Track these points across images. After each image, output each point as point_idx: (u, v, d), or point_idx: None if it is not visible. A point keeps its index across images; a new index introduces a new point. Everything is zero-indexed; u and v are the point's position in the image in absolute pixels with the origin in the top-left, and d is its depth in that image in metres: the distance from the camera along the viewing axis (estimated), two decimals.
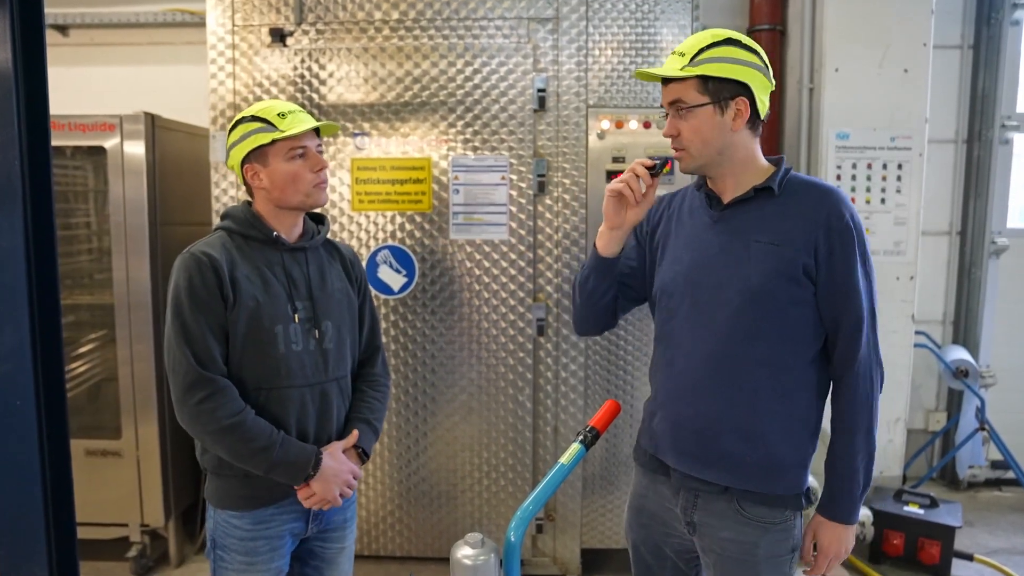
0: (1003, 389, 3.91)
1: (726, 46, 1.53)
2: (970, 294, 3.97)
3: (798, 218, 1.53)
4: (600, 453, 3.02)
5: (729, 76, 1.52)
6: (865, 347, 1.54)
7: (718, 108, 1.53)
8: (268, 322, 1.68)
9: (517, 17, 2.84)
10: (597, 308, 1.77)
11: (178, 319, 1.63)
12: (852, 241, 1.52)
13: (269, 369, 1.69)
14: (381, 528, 3.06)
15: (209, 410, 1.61)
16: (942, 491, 3.97)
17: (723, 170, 1.60)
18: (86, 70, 3.80)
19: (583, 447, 1.73)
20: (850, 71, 3.39)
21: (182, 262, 1.66)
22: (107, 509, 3.13)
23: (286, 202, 1.73)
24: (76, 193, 3.34)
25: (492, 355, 2.94)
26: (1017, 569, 3.16)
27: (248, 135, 1.70)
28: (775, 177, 1.57)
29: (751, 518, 1.57)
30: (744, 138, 1.57)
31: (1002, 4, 3.76)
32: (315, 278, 1.78)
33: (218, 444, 1.64)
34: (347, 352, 1.83)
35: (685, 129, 1.56)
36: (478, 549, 1.50)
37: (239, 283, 1.66)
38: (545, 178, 2.87)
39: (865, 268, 1.54)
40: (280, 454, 1.64)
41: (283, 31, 2.86)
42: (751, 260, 1.54)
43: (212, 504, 1.76)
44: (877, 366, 1.57)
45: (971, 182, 3.95)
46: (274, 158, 1.70)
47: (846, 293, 1.52)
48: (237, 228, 1.74)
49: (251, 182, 1.74)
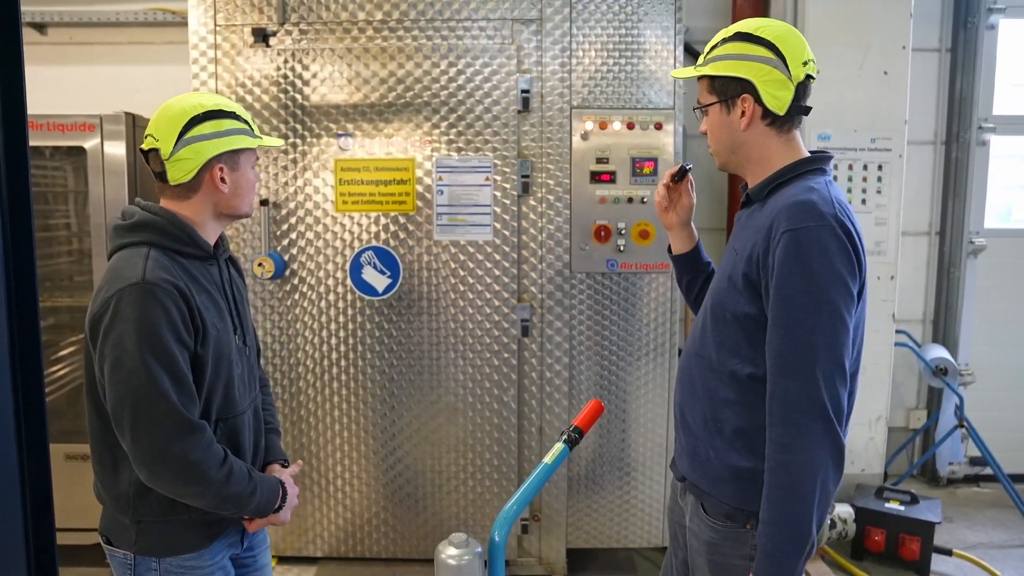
0: (981, 387, 3.97)
1: (733, 42, 1.48)
2: (949, 293, 4.02)
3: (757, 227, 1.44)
4: (585, 453, 3.03)
5: (730, 74, 1.47)
6: (790, 388, 1.32)
7: (724, 107, 1.50)
8: (226, 350, 1.57)
9: (501, 18, 2.84)
10: (690, 297, 1.87)
11: (156, 363, 1.41)
12: (791, 253, 1.32)
13: (227, 400, 1.58)
14: (366, 530, 3.05)
15: (199, 462, 1.44)
16: (923, 488, 4.01)
17: (745, 170, 1.55)
18: (65, 69, 3.75)
19: (567, 446, 1.74)
20: (831, 73, 3.41)
21: (145, 294, 1.42)
22: (87, 514, 3.07)
23: (237, 210, 1.62)
24: (55, 194, 3.30)
25: (477, 356, 2.94)
26: (995, 563, 3.21)
27: (229, 132, 1.56)
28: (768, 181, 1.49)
29: (703, 516, 1.54)
30: (758, 136, 1.49)
31: (978, 8, 3.81)
32: (236, 291, 1.69)
33: (204, 495, 1.48)
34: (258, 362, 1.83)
35: (707, 130, 1.57)
36: (463, 549, 1.51)
37: (201, 311, 1.50)
38: (529, 179, 2.87)
39: (809, 293, 1.31)
40: (258, 497, 1.56)
41: (266, 31, 2.85)
42: (722, 268, 1.55)
43: (150, 555, 1.55)
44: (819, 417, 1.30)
45: (949, 183, 4.00)
46: (244, 164, 1.61)
47: (774, 314, 1.35)
48: (168, 243, 1.52)
49: (214, 183, 1.56)
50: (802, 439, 1.31)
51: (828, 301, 1.32)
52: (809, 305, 1.32)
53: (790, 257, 1.33)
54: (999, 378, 4.07)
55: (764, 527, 1.36)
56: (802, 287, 1.32)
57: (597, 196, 2.88)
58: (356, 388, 2.98)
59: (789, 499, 1.33)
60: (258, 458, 1.74)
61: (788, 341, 1.33)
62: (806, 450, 1.31)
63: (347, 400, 2.99)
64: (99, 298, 1.46)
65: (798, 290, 1.32)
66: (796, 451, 1.32)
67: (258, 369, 1.86)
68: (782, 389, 1.34)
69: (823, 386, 1.31)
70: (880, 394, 3.55)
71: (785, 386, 1.33)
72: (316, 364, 2.97)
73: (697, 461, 1.57)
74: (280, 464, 1.79)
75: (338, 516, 3.05)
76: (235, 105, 1.63)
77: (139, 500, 1.52)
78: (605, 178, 2.87)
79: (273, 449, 1.81)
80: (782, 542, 1.34)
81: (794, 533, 1.33)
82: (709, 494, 1.53)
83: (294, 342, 2.96)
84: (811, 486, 1.31)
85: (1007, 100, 4.00)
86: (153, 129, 1.53)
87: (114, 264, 1.51)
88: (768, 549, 1.35)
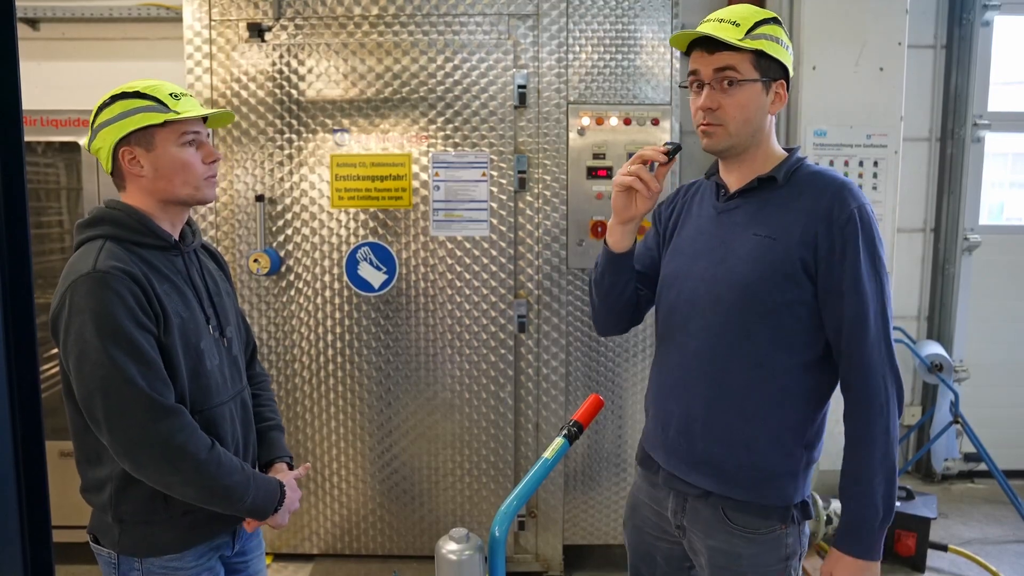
0: (976, 383, 3.99)
1: (775, 25, 1.46)
2: (944, 290, 4.03)
3: (799, 211, 1.43)
4: (582, 450, 3.03)
5: (779, 57, 1.45)
6: (872, 352, 1.40)
7: (765, 87, 1.45)
8: (195, 339, 1.52)
9: (497, 13, 2.83)
10: (617, 305, 1.68)
11: (118, 350, 1.37)
12: (856, 236, 1.39)
13: (201, 390, 1.52)
14: (363, 527, 3.04)
15: (182, 445, 1.40)
16: (918, 484, 4.03)
17: (747, 154, 1.50)
18: (58, 65, 3.72)
19: (566, 441, 1.73)
20: (827, 69, 3.42)
21: (97, 283, 1.38)
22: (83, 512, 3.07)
23: (172, 194, 1.51)
24: (48, 190, 3.28)
25: (473, 352, 2.94)
26: (989, 558, 3.22)
27: (130, 112, 1.45)
28: (782, 166, 1.49)
29: (736, 526, 1.48)
30: (770, 123, 1.51)
31: (973, 5, 3.82)
32: (210, 282, 1.63)
33: (192, 483, 1.44)
34: (243, 355, 1.76)
35: (730, 104, 1.44)
36: (463, 544, 1.50)
37: (162, 299, 1.45)
38: (526, 174, 2.87)
39: (874, 268, 1.41)
40: (254, 494, 1.51)
41: (261, 26, 2.83)
42: (747, 254, 1.45)
43: (133, 555, 1.52)
44: (891, 375, 1.42)
45: (944, 180, 4.01)
46: (162, 142, 1.48)
47: (849, 293, 1.40)
48: (125, 235, 1.48)
49: (128, 168, 1.49)
50: (892, 402, 1.41)
51: (885, 273, 1.44)
52: (881, 277, 1.43)
53: (866, 231, 1.41)
54: (994, 374, 4.09)
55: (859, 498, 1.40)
56: (871, 262, 1.42)
57: (594, 192, 2.87)
58: (352, 384, 2.97)
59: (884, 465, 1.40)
60: (248, 455, 1.68)
61: (869, 313, 1.40)
62: (892, 415, 1.41)
63: (343, 396, 2.98)
64: (56, 294, 1.44)
65: (871, 264, 1.41)
66: (892, 410, 1.41)
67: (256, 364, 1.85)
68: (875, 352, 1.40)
69: (893, 352, 1.43)
70: None
71: (870, 358, 1.40)
72: (312, 360, 2.96)
73: (715, 467, 1.49)
74: (285, 463, 1.74)
75: (334, 513, 3.04)
76: (150, 83, 1.50)
77: (120, 499, 1.50)
78: (602, 174, 2.87)
79: (275, 446, 1.76)
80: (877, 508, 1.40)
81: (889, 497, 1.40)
82: (742, 501, 1.47)
83: (290, 338, 2.95)
84: (895, 448, 1.42)
85: (1002, 97, 4.01)
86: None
87: (71, 260, 1.49)
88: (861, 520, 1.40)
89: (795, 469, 1.47)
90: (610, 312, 1.70)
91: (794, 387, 1.46)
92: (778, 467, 1.46)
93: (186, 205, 1.56)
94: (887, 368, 1.41)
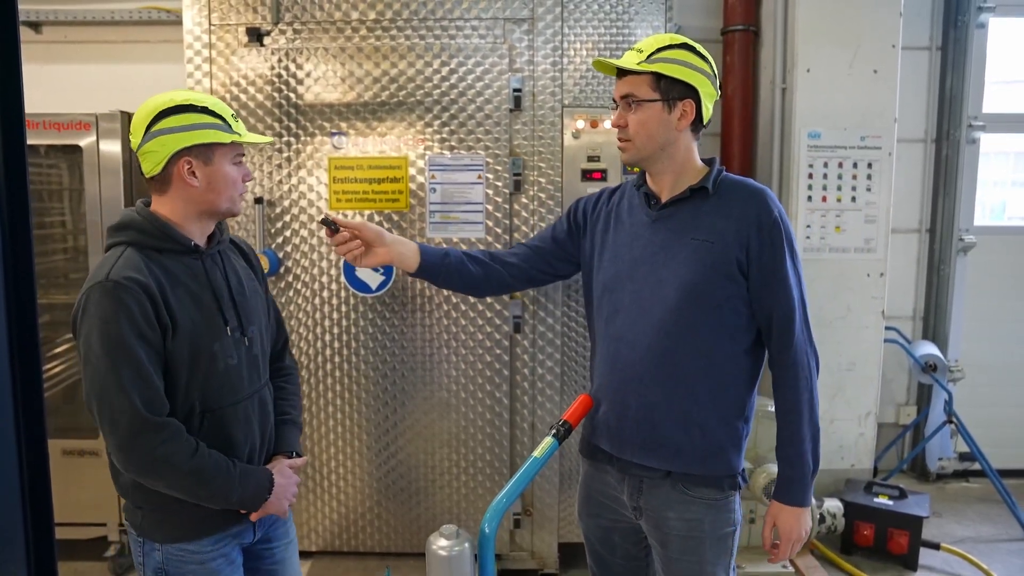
0: (970, 383, 4.01)
1: (682, 50, 1.63)
2: (939, 290, 4.06)
3: (731, 217, 1.63)
4: (577, 448, 3.05)
5: (680, 78, 1.61)
6: (799, 334, 1.64)
7: (666, 106, 1.63)
8: (207, 342, 1.58)
9: (493, 17, 2.87)
10: (461, 289, 2.07)
11: (116, 360, 1.45)
12: (781, 237, 1.62)
13: (213, 390, 1.60)
14: (360, 524, 3.08)
15: (164, 457, 1.48)
16: (912, 483, 4.06)
17: (662, 166, 1.68)
18: (60, 68, 3.76)
19: (556, 441, 1.77)
20: (821, 71, 3.45)
21: (107, 293, 1.46)
22: (85, 509, 3.12)
23: (215, 206, 1.62)
24: (51, 192, 3.32)
25: (469, 352, 2.97)
26: (982, 557, 3.25)
27: (199, 126, 1.55)
28: (708, 177, 1.66)
29: (694, 497, 1.67)
30: (686, 139, 1.68)
31: (968, 7, 3.84)
32: (234, 282, 1.69)
33: (175, 488, 1.54)
34: (267, 351, 1.82)
35: (633, 121, 1.66)
36: (453, 540, 1.54)
37: (172, 307, 1.53)
38: (521, 177, 2.90)
39: (793, 261, 1.64)
40: (240, 491, 1.59)
41: (260, 30, 2.86)
42: (688, 257, 1.63)
43: (152, 539, 1.62)
44: (812, 351, 1.67)
45: (939, 181, 4.04)
46: (220, 159, 1.60)
47: (777, 286, 1.62)
48: (147, 241, 1.57)
49: (182, 177, 1.57)
50: (813, 374, 1.66)
51: (801, 266, 1.68)
52: (799, 270, 1.66)
53: (787, 232, 1.63)
54: (988, 374, 4.11)
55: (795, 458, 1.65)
56: (791, 257, 1.64)
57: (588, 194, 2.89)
58: (350, 384, 3.00)
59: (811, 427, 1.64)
60: (264, 450, 1.73)
61: (795, 302, 1.62)
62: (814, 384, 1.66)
63: (341, 396, 3.01)
64: (79, 295, 1.54)
65: (791, 259, 1.64)
66: (814, 380, 1.66)
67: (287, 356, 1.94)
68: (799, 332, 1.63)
69: (811, 332, 1.67)
70: (870, 390, 3.59)
71: (798, 339, 1.63)
72: (310, 360, 3.00)
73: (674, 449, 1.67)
74: (285, 455, 1.78)
75: (332, 511, 3.08)
76: (213, 101, 1.62)
77: (136, 486, 1.58)
78: (596, 176, 2.90)
79: (282, 440, 1.80)
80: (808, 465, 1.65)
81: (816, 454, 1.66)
82: (699, 475, 1.66)
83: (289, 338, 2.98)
84: (817, 411, 1.67)
85: (997, 98, 4.04)
86: (132, 124, 1.60)
87: (98, 263, 1.58)
88: (797, 476, 1.65)
89: (738, 442, 1.70)
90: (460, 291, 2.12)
91: (735, 371, 1.68)
92: (725, 442, 1.68)
93: (221, 216, 1.68)
94: (808, 346, 1.66)
